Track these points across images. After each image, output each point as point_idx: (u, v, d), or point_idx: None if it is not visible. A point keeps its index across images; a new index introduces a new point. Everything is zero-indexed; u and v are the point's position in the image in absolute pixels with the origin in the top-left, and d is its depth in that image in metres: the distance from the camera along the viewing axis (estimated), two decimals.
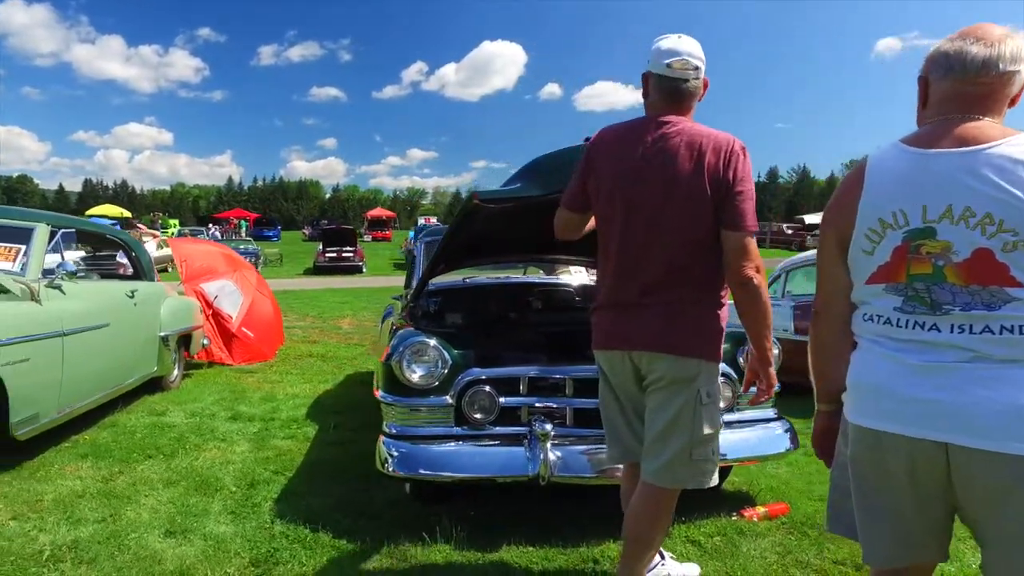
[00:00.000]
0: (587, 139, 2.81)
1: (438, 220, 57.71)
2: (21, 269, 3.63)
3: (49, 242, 3.89)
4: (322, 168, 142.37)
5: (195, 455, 3.76)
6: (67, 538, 2.59)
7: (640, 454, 2.06)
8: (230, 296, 7.60)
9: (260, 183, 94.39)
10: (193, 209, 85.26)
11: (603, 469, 2.65)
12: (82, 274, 4.12)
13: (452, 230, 3.07)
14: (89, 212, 34.30)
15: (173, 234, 29.80)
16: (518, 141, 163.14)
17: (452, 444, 2.66)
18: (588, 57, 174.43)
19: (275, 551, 2.50)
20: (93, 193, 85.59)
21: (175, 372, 5.81)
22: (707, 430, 1.95)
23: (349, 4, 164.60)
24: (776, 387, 2.05)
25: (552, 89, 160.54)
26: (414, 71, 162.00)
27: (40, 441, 3.61)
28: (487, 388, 2.71)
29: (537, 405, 2.72)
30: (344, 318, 11.78)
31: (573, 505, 2.93)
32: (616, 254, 1.95)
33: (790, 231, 35.37)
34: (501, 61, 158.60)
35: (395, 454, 2.66)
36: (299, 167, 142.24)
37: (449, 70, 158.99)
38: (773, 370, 1.99)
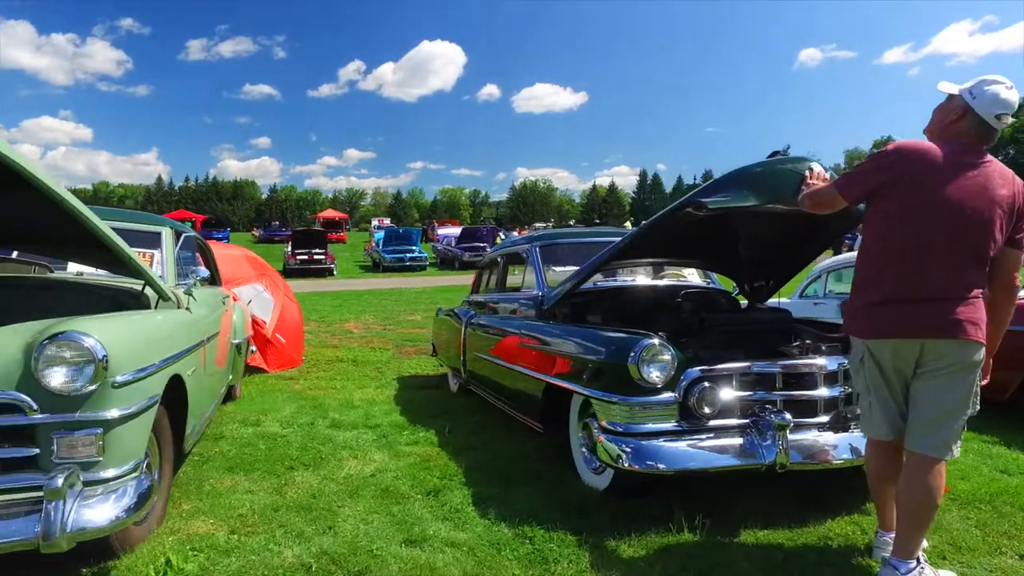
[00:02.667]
0: (774, 152, 3.02)
1: (391, 221, 56.67)
2: (160, 276, 3.45)
3: (175, 246, 3.71)
4: (256, 168, 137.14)
5: (340, 465, 3.67)
6: (313, 550, 2.52)
7: (903, 431, 2.30)
8: (262, 301, 7.36)
9: (192, 183, 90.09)
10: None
11: (813, 454, 2.84)
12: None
13: (644, 231, 3.16)
14: None
15: None
16: (456, 142, 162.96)
17: (680, 438, 2.77)
18: (527, 59, 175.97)
19: (538, 551, 2.52)
20: None
21: (238, 381, 5.60)
22: (978, 406, 2.29)
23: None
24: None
25: (491, 90, 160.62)
26: (351, 70, 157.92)
27: None
28: (707, 384, 2.83)
29: (755, 398, 2.87)
30: (347, 322, 11.53)
31: (766, 492, 3.07)
32: (917, 255, 2.19)
33: None
34: (440, 61, 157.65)
35: (628, 450, 2.74)
36: (231, 166, 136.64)
37: (387, 69, 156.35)
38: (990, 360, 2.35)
